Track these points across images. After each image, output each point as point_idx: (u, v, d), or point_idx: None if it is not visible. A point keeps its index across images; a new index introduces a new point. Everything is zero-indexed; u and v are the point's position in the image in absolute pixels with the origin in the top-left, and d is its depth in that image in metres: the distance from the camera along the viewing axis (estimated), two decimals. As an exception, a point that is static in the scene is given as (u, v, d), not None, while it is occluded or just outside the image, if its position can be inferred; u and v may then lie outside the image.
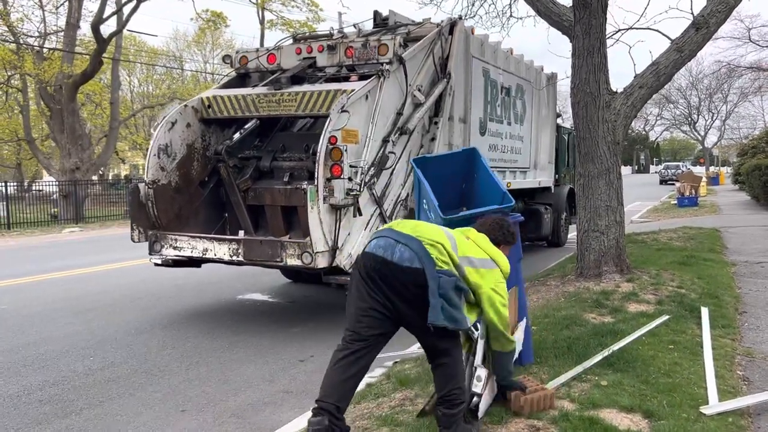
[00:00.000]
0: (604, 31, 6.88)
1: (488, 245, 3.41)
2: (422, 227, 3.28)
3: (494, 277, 3.26)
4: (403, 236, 3.17)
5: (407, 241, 3.12)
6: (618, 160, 7.18)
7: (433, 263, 3.06)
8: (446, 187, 4.53)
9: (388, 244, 3.16)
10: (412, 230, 3.22)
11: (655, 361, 4.34)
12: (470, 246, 3.31)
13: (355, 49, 7.71)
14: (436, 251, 3.10)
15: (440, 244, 3.14)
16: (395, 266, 3.09)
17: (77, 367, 5.66)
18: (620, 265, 7.04)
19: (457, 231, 3.44)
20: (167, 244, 7.22)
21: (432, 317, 3.01)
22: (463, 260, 3.18)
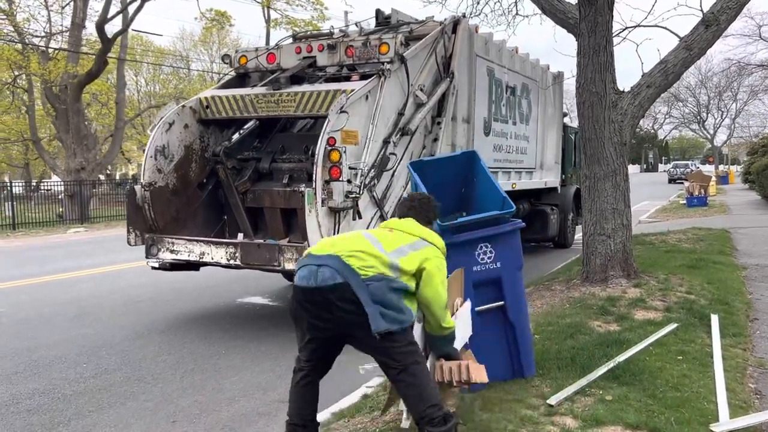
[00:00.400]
0: (611, 28, 6.69)
1: (416, 228, 3.35)
2: (340, 241, 3.24)
3: (431, 253, 3.21)
4: (322, 258, 3.12)
5: (326, 261, 3.08)
6: (625, 162, 6.98)
7: (356, 274, 3.01)
8: (444, 192, 4.36)
9: (310, 272, 3.10)
10: (330, 248, 3.16)
11: (662, 373, 4.16)
12: (396, 237, 3.25)
13: (355, 48, 7.56)
14: (356, 260, 3.05)
15: (359, 251, 3.08)
16: (321, 289, 3.03)
17: (69, 375, 5.53)
18: (627, 269, 6.85)
19: (378, 228, 3.39)
20: (164, 248, 7.10)
21: (374, 326, 2.95)
22: (393, 254, 3.12)
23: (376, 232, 3.36)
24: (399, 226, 3.36)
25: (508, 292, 3.93)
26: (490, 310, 3.94)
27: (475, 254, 3.87)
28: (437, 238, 3.34)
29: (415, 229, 3.33)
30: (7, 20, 23.13)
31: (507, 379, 4.05)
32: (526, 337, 4.03)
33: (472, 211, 4.33)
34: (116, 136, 26.08)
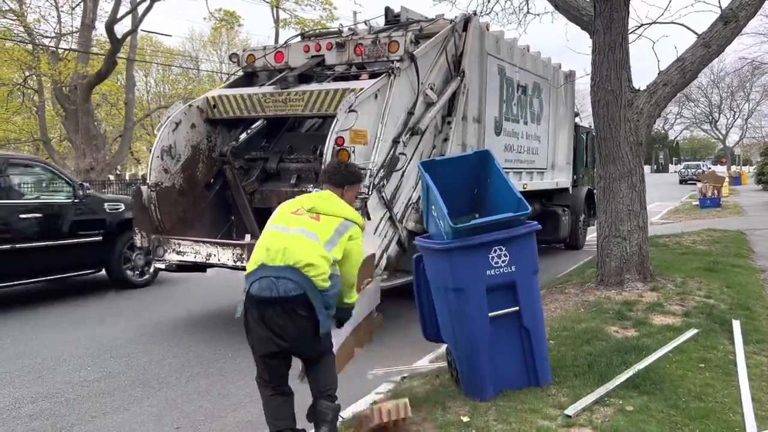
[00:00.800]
0: (626, 25, 6.51)
1: (337, 206, 3.48)
2: (290, 252, 3.24)
3: (354, 233, 3.45)
4: (281, 269, 3.21)
5: (286, 274, 3.19)
6: (641, 162, 6.80)
7: (315, 286, 3.21)
8: (456, 192, 4.23)
9: (270, 284, 3.19)
10: (283, 260, 3.22)
11: (684, 381, 3.99)
12: (325, 225, 3.36)
13: (364, 46, 7.43)
14: (313, 270, 3.21)
15: (313, 263, 3.21)
16: (283, 299, 3.18)
17: (73, 378, 5.43)
18: (643, 272, 6.67)
19: (304, 214, 3.40)
20: (170, 249, 7.00)
21: (322, 329, 3.28)
22: (328, 246, 3.30)
23: (308, 223, 3.36)
24: (322, 208, 3.43)
25: (523, 297, 3.78)
26: (504, 315, 3.79)
27: (489, 257, 3.73)
28: (357, 215, 3.52)
29: (336, 209, 3.45)
30: (17, 21, 23.18)
31: (521, 388, 3.90)
32: (541, 344, 3.87)
33: (485, 213, 4.19)
34: (125, 136, 26.09)
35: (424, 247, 4.05)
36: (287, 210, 3.50)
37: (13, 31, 23.48)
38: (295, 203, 3.54)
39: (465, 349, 3.80)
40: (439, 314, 4.12)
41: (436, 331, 4.34)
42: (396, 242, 7.14)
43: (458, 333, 3.83)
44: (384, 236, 6.91)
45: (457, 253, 3.69)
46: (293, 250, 3.21)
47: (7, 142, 27.17)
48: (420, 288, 4.33)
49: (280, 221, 3.44)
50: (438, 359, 5.24)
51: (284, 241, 3.28)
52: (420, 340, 5.12)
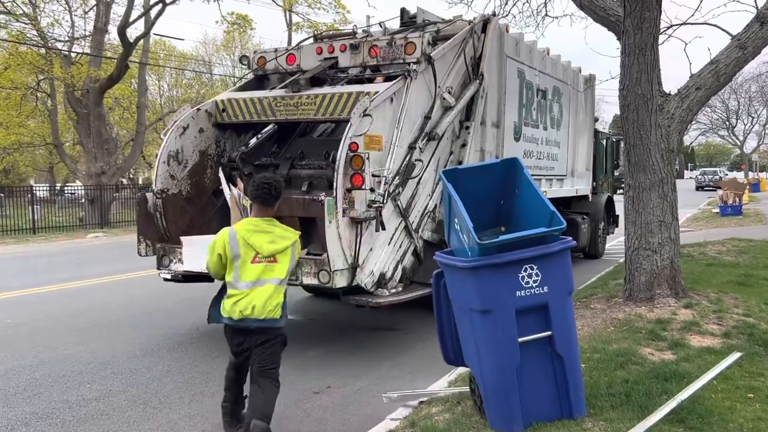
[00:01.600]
0: (658, 25, 6.14)
1: (282, 238, 4.00)
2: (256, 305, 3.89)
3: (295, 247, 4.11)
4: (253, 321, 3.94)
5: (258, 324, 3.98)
6: (672, 170, 6.42)
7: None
8: (481, 204, 3.88)
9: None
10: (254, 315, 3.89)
11: (733, 414, 3.61)
12: (281, 265, 3.98)
13: (379, 48, 7.11)
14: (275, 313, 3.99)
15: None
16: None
17: (70, 397, 5.14)
18: (675, 287, 6.27)
19: (265, 262, 3.92)
20: (176, 258, 6.71)
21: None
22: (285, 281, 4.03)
23: (268, 271, 3.96)
24: (276, 250, 3.97)
25: (556, 320, 3.42)
26: (534, 341, 3.44)
27: (519, 277, 3.38)
28: (291, 231, 4.11)
29: (284, 242, 4.01)
30: (30, 25, 23.16)
31: (553, 420, 3.53)
32: (576, 372, 3.51)
33: (513, 227, 3.84)
34: (137, 140, 25.99)
35: (445, 264, 3.71)
36: (247, 260, 3.91)
37: (26, 35, 23.47)
38: (249, 249, 3.91)
39: (491, 377, 3.45)
40: (463, 337, 3.78)
41: (457, 354, 4.00)
42: (412, 253, 6.81)
43: (484, 359, 3.48)
44: (399, 246, 6.59)
45: (483, 271, 3.35)
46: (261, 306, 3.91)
47: (19, 146, 27.15)
48: (440, 308, 3.99)
49: (245, 276, 3.92)
50: (458, 381, 4.89)
51: (254, 299, 3.90)
52: (437, 358, 4.79)
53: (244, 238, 3.87)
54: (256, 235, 3.90)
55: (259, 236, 3.89)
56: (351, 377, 5.62)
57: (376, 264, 6.17)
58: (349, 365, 5.95)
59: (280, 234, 3.96)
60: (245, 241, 3.87)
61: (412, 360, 6.14)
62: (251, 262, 3.86)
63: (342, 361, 6.09)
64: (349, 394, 5.21)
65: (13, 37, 23.18)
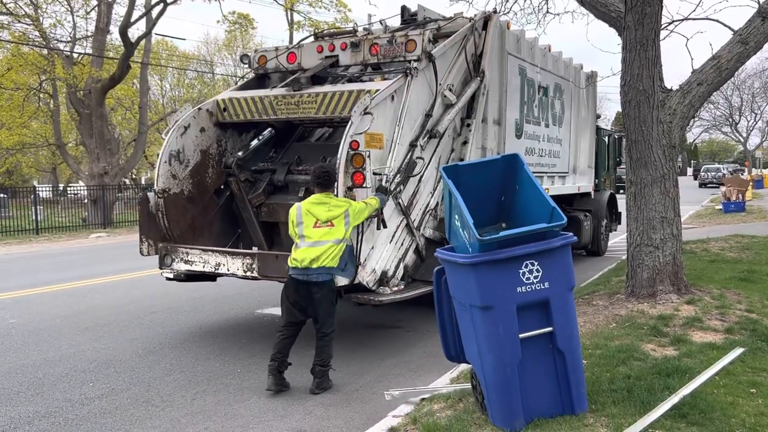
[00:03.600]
0: (660, 20, 6.12)
1: (336, 207, 5.15)
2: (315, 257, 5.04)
3: (350, 210, 5.21)
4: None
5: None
6: (674, 166, 6.40)
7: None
8: (481, 200, 3.88)
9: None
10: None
11: (735, 410, 3.60)
12: (337, 229, 5.10)
13: (380, 45, 7.11)
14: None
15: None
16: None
17: (74, 395, 5.15)
18: (677, 283, 6.25)
19: (324, 227, 5.08)
20: (178, 258, 6.72)
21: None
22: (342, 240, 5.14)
23: (328, 233, 5.12)
24: (332, 215, 5.14)
25: (557, 316, 3.42)
26: (536, 337, 3.44)
27: (520, 273, 3.38)
28: (345, 201, 5.34)
29: (337, 210, 5.17)
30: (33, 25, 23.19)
31: (555, 416, 3.53)
32: (577, 368, 3.51)
33: (513, 223, 3.84)
34: (139, 140, 26.01)
35: (446, 261, 3.71)
36: (309, 224, 5.07)
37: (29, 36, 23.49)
38: (310, 217, 5.09)
39: (493, 373, 3.45)
40: (464, 334, 3.78)
41: (459, 351, 4.00)
42: (413, 251, 6.81)
43: (485, 355, 3.48)
44: (401, 244, 6.58)
45: (484, 267, 3.35)
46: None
47: (22, 147, 27.20)
48: (441, 304, 3.99)
49: (308, 237, 5.08)
50: (460, 378, 4.89)
51: (312, 253, 5.02)
52: (438, 355, 4.79)
53: (307, 209, 5.08)
54: (316, 206, 5.09)
55: (318, 207, 5.08)
56: (353, 375, 5.62)
57: (377, 262, 6.16)
58: (352, 363, 5.95)
59: (335, 204, 5.13)
60: (307, 210, 5.07)
61: (414, 358, 6.14)
62: (313, 227, 5.03)
63: (344, 358, 6.09)
64: (352, 392, 5.21)
65: (16, 38, 23.22)
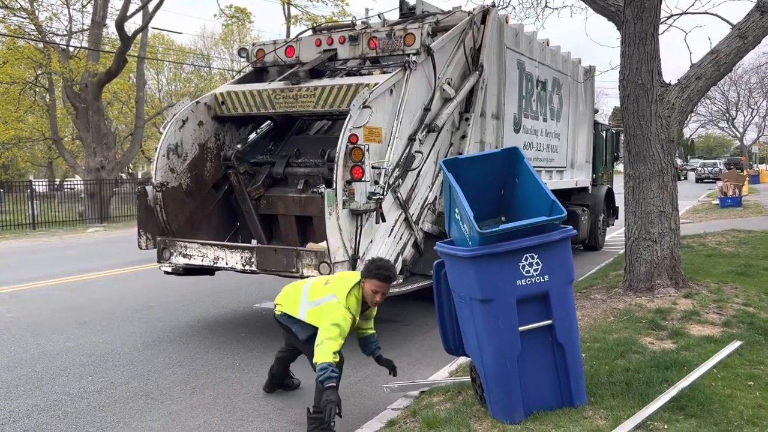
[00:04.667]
0: (659, 14, 6.12)
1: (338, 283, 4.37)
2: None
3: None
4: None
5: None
6: (672, 160, 6.42)
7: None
8: (481, 194, 3.89)
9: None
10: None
11: (733, 402, 3.62)
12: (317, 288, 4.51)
13: (378, 39, 7.09)
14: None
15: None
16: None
17: (72, 389, 5.15)
18: (675, 277, 6.28)
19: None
20: (177, 252, 6.72)
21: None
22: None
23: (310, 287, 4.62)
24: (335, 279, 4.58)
25: (556, 309, 3.43)
26: (535, 329, 3.45)
27: (519, 266, 3.38)
28: (340, 289, 4.32)
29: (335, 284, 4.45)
30: (28, 19, 23.07)
31: (554, 409, 3.55)
32: (576, 360, 3.52)
33: (513, 216, 3.84)
34: (136, 134, 25.93)
35: (446, 254, 3.71)
36: None
37: (24, 30, 23.37)
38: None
39: (492, 366, 3.46)
40: (463, 327, 3.79)
41: (458, 344, 4.01)
42: (412, 245, 6.82)
43: (485, 348, 3.49)
44: (399, 239, 6.59)
45: (483, 260, 3.35)
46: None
47: (18, 141, 27.09)
48: (441, 297, 4.00)
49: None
50: (459, 371, 4.91)
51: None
52: (437, 349, 4.79)
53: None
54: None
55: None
56: (352, 368, 5.61)
57: (376, 256, 6.16)
58: (351, 357, 5.90)
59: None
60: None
61: (413, 351, 6.15)
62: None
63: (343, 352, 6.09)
64: (351, 385, 5.21)
65: (11, 31, 23.10)
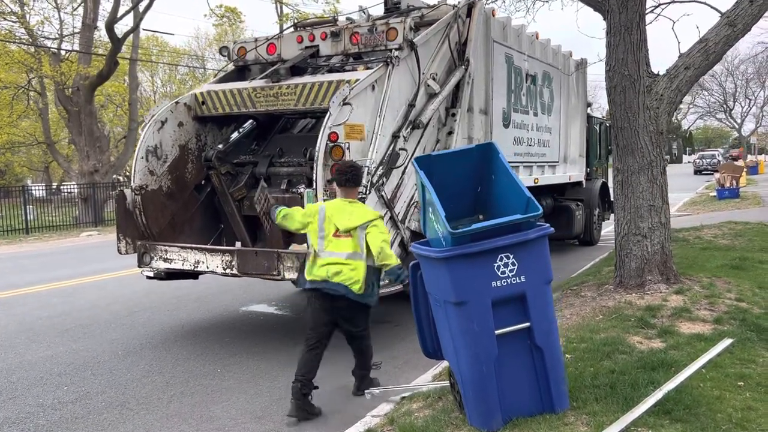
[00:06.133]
0: (644, 3, 5.96)
1: (360, 217, 4.62)
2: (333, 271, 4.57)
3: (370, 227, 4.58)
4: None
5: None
6: (662, 153, 6.25)
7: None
8: (458, 192, 3.74)
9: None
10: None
11: (722, 404, 3.47)
12: (354, 240, 4.60)
13: (361, 35, 6.94)
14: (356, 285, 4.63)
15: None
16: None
17: (47, 400, 5.01)
18: (666, 273, 6.12)
19: (344, 237, 4.59)
20: (157, 256, 6.57)
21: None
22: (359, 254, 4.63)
23: (346, 244, 4.65)
24: (352, 224, 4.59)
25: (534, 311, 3.28)
26: (513, 332, 3.30)
27: (494, 266, 3.23)
28: (371, 213, 4.75)
29: (360, 220, 4.61)
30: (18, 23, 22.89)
31: (534, 415, 3.40)
32: (557, 364, 3.37)
33: (491, 214, 3.69)
34: (129, 137, 25.75)
35: (420, 255, 3.57)
36: (330, 232, 4.60)
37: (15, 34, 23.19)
38: (330, 224, 4.60)
39: (469, 371, 3.31)
40: (440, 330, 3.64)
41: (437, 347, 3.86)
42: (398, 244, 6.65)
43: (461, 352, 3.34)
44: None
45: (457, 261, 3.21)
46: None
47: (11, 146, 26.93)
48: (418, 300, 3.85)
49: (330, 247, 4.60)
50: (442, 375, 4.76)
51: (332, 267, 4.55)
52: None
53: (329, 216, 4.61)
54: (339, 213, 4.61)
55: (341, 215, 4.61)
56: (339, 372, 5.47)
57: (360, 256, 6.02)
58: (338, 360, 5.78)
59: (359, 214, 4.61)
60: (329, 217, 4.60)
61: (402, 353, 6.02)
62: (333, 235, 4.58)
63: (330, 355, 5.89)
64: (335, 390, 5.08)
65: (2, 36, 22.91)
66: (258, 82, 7.06)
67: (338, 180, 4.71)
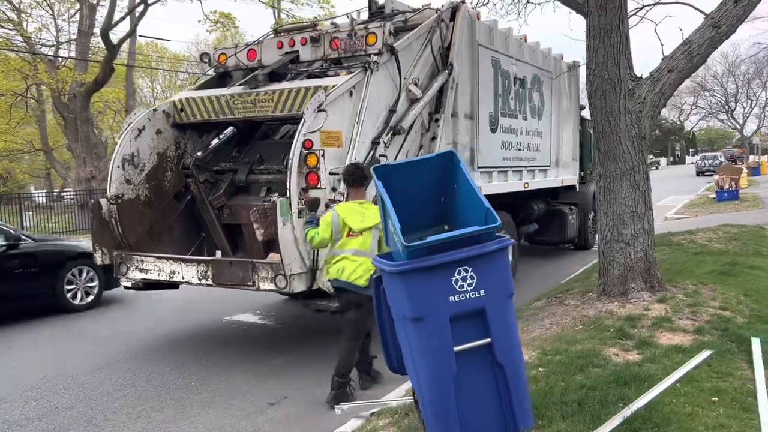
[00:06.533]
0: (625, 5, 5.84)
1: (371, 219, 4.91)
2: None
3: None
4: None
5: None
6: (644, 158, 6.12)
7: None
8: (422, 202, 3.61)
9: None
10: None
11: (693, 422, 3.33)
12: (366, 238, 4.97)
13: (340, 40, 6.83)
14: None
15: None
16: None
17: (14, 416, 4.91)
18: (650, 280, 5.98)
19: (358, 236, 4.93)
20: (133, 266, 6.47)
21: None
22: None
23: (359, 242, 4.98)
24: (365, 226, 4.96)
25: (495, 326, 3.14)
26: (473, 349, 3.16)
27: (452, 280, 3.10)
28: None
29: (371, 221, 4.95)
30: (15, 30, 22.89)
31: (497, 434, 3.26)
32: (519, 381, 3.23)
33: (455, 225, 3.57)
34: (127, 143, 25.67)
35: (380, 268, 3.44)
36: (344, 234, 4.91)
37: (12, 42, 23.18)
38: (344, 227, 4.90)
39: (428, 389, 3.18)
40: (402, 346, 3.51)
41: (401, 362, 3.73)
42: (378, 253, 6.54)
43: (420, 370, 3.21)
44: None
45: (412, 275, 3.08)
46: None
47: (9, 153, 26.93)
48: (381, 313, 3.72)
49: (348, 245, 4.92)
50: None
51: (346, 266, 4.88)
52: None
53: (342, 219, 4.87)
54: (352, 215, 4.90)
55: (353, 216, 4.89)
56: (312, 386, 5.36)
57: (338, 266, 5.90)
58: (313, 373, 5.68)
59: (370, 215, 4.89)
60: (343, 220, 4.87)
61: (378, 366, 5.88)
62: (347, 235, 4.88)
63: (306, 368, 5.84)
64: (306, 405, 4.96)
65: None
66: (236, 88, 6.97)
67: (347, 181, 5.03)
